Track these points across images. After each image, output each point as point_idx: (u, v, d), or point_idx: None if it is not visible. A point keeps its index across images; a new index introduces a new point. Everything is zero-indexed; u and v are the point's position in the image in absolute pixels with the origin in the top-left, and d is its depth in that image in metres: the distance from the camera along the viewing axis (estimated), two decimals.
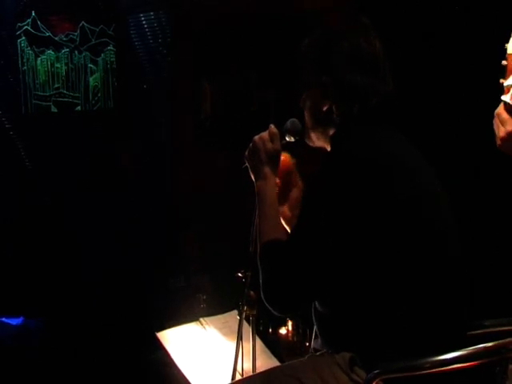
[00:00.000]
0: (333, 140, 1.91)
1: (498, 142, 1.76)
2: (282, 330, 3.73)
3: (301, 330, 3.66)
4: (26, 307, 4.53)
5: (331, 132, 1.91)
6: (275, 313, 1.76)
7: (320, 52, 1.91)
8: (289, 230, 2.02)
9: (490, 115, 1.82)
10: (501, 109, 1.77)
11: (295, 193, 2.12)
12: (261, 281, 1.77)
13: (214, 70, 5.08)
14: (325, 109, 1.88)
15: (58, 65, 5.05)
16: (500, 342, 1.65)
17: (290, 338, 3.70)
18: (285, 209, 2.11)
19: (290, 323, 3.70)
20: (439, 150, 3.01)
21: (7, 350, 4.24)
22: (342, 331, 1.76)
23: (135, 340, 4.10)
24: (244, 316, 2.23)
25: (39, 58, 5.04)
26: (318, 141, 1.98)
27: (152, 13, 5.08)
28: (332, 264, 1.69)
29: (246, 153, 2.05)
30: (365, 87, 1.84)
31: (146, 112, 5.08)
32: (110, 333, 4.46)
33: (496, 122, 1.79)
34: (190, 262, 4.47)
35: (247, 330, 2.32)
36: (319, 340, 1.84)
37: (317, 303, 1.82)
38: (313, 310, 1.85)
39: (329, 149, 1.95)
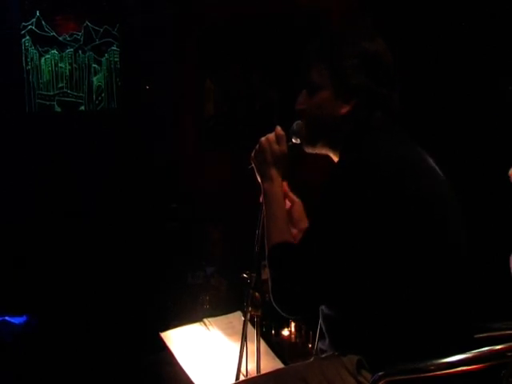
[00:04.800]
0: (345, 145, 1.88)
1: None
2: (285, 332, 3.73)
3: (303, 332, 3.67)
4: (29, 306, 4.54)
5: (340, 137, 1.90)
6: (284, 314, 1.76)
7: (340, 54, 1.86)
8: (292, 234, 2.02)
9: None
10: None
11: (296, 210, 2.12)
12: (270, 282, 1.77)
13: (218, 69, 5.09)
14: (344, 112, 1.86)
15: (62, 64, 5.06)
16: (506, 344, 1.65)
17: (293, 340, 3.71)
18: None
19: (292, 325, 3.71)
20: (449, 154, 3.01)
21: (10, 348, 4.25)
22: (349, 333, 1.76)
23: (139, 340, 4.11)
24: (248, 317, 2.23)
25: (43, 58, 5.04)
26: (322, 147, 1.96)
27: (156, 13, 5.08)
28: (341, 268, 1.70)
29: (253, 154, 2.04)
30: (387, 93, 1.85)
31: (149, 112, 5.09)
32: (114, 332, 4.47)
33: None
34: (210, 260, 4.49)
35: (251, 331, 2.32)
36: (326, 341, 1.84)
37: (325, 305, 1.82)
38: (320, 312, 1.85)
39: (333, 155, 1.94)
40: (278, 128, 2.04)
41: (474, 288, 1.82)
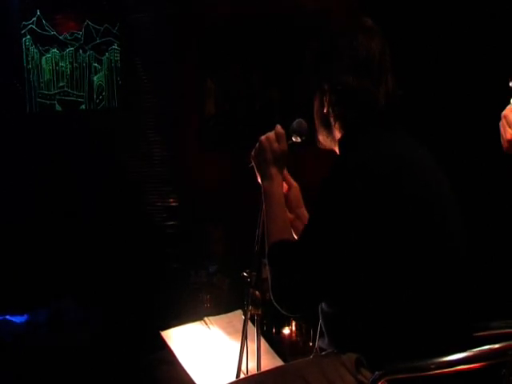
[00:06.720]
0: (340, 145, 1.91)
1: (505, 144, 1.76)
2: (286, 330, 3.73)
3: (304, 330, 3.67)
4: (29, 305, 4.54)
5: (337, 134, 1.91)
6: (283, 312, 1.77)
7: (317, 58, 1.91)
8: (292, 231, 2.03)
9: (496, 116, 1.82)
10: (508, 110, 1.77)
11: (293, 193, 2.13)
12: (269, 280, 1.78)
13: (218, 69, 5.09)
14: (324, 112, 1.89)
15: (63, 63, 5.06)
16: (506, 343, 1.65)
17: (294, 338, 3.71)
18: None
19: (293, 323, 3.71)
20: (447, 151, 3.01)
21: (10, 348, 4.25)
22: (348, 331, 1.76)
23: (139, 338, 4.11)
24: (249, 316, 2.23)
25: (44, 57, 5.05)
26: (325, 142, 1.99)
27: (157, 12, 5.09)
28: (339, 265, 1.70)
29: (252, 153, 2.04)
30: (359, 90, 1.83)
31: (150, 111, 5.10)
32: (114, 331, 4.47)
33: (503, 123, 1.79)
34: (212, 259, 4.50)
35: (251, 329, 2.32)
36: (325, 339, 1.84)
37: (324, 303, 1.83)
38: (320, 310, 1.86)
39: (337, 151, 1.95)
40: (278, 126, 2.05)
41: (472, 287, 1.82)
